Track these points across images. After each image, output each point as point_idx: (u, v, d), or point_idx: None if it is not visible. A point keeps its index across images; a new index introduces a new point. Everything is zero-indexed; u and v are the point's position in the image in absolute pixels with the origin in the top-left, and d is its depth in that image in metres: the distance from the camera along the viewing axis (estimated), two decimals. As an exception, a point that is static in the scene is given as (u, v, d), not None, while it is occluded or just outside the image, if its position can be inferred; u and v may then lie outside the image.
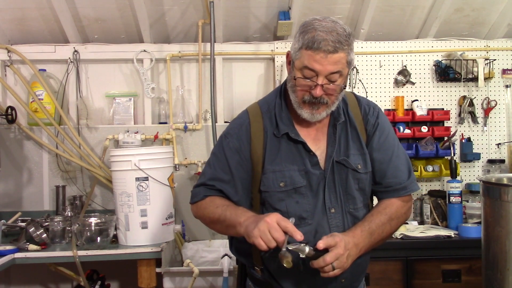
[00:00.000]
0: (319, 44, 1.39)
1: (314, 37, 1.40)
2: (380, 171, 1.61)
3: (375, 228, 1.51)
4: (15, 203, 3.04)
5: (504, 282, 1.79)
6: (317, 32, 1.41)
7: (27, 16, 2.97)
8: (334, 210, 1.52)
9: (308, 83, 1.45)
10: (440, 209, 2.89)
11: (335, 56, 1.41)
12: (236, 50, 3.18)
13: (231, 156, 1.55)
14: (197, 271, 2.42)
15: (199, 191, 1.59)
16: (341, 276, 1.48)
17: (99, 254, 2.37)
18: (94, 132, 3.09)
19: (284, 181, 1.51)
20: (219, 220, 1.49)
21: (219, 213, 1.50)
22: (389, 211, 1.57)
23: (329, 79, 1.44)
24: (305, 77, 1.45)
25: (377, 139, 1.61)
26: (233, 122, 1.66)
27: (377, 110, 1.67)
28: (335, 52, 1.40)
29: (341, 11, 3.05)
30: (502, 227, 1.81)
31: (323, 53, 1.40)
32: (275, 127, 1.56)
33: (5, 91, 3.10)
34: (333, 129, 1.59)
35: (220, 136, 1.64)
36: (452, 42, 3.21)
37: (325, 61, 1.40)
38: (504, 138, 3.21)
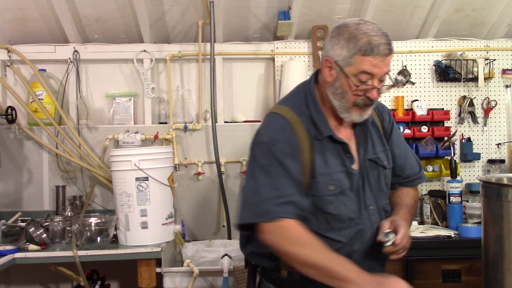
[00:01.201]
0: (378, 48, 1.42)
1: (370, 42, 1.42)
2: (400, 165, 1.72)
3: (410, 209, 1.66)
4: (15, 203, 3.04)
5: (504, 282, 1.79)
6: (371, 37, 1.43)
7: (27, 16, 2.97)
8: (372, 208, 1.58)
9: (366, 87, 1.47)
10: (440, 209, 2.89)
11: (389, 58, 1.46)
12: (236, 50, 3.18)
13: (288, 162, 1.47)
14: (197, 271, 2.43)
15: (267, 207, 1.44)
16: (379, 269, 1.58)
17: (99, 254, 2.37)
18: (94, 132, 3.09)
19: (333, 184, 1.52)
20: (317, 267, 1.39)
21: (318, 258, 1.39)
22: (411, 195, 1.73)
23: (381, 79, 1.49)
24: (360, 81, 1.47)
25: (395, 135, 1.72)
26: (270, 127, 1.56)
27: (387, 108, 1.77)
28: (390, 54, 1.46)
29: (341, 11, 3.05)
30: (502, 227, 1.81)
31: (381, 57, 1.43)
32: (316, 130, 1.55)
33: (5, 91, 3.10)
34: (361, 128, 1.62)
35: (260, 145, 1.52)
36: (452, 42, 3.21)
37: (382, 64, 1.45)
38: (504, 138, 3.22)
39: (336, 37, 1.50)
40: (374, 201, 1.59)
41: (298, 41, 3.18)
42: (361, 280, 1.34)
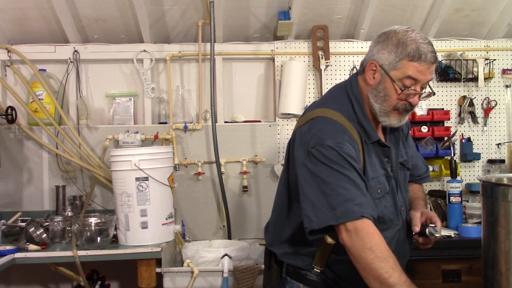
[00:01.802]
0: (426, 56, 1.47)
1: (419, 49, 1.47)
2: (413, 165, 1.81)
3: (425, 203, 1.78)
4: (15, 203, 3.04)
5: (504, 282, 1.79)
6: (419, 44, 1.48)
7: (27, 16, 2.97)
8: (403, 208, 1.66)
9: (409, 92, 1.51)
10: (440, 209, 2.89)
11: (434, 66, 1.52)
12: (236, 50, 3.18)
13: (356, 165, 1.47)
14: (197, 271, 2.43)
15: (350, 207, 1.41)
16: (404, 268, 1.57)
17: (99, 254, 2.37)
18: (94, 132, 3.09)
19: (380, 188, 1.56)
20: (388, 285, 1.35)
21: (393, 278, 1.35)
22: (422, 190, 1.87)
23: (423, 87, 1.54)
24: (405, 86, 1.51)
25: (410, 137, 1.81)
26: (328, 130, 1.52)
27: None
28: (435, 62, 1.52)
29: (341, 11, 3.05)
30: (502, 227, 1.80)
31: (427, 64, 1.48)
32: (364, 134, 1.57)
33: (5, 91, 3.10)
34: (393, 132, 1.68)
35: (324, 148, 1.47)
36: (452, 42, 3.21)
37: (428, 71, 1.50)
38: (504, 138, 3.22)
39: (384, 42, 1.53)
40: (403, 202, 1.67)
41: (298, 41, 3.18)
42: None
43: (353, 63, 3.17)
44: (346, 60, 3.18)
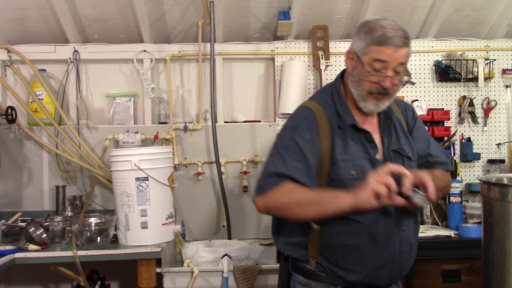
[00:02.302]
0: (391, 40, 1.56)
1: (385, 34, 1.56)
2: (424, 155, 1.80)
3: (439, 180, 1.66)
4: (15, 203, 3.04)
5: (504, 282, 1.79)
6: (387, 30, 1.57)
7: (27, 16, 2.97)
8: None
9: (378, 75, 1.59)
10: (440, 209, 2.89)
11: (402, 50, 1.57)
12: (236, 50, 3.19)
13: (305, 146, 1.60)
14: (197, 271, 2.43)
15: (271, 180, 1.59)
16: (403, 257, 1.65)
17: (99, 254, 2.37)
18: (94, 132, 3.09)
19: (355, 169, 1.61)
20: (313, 201, 1.54)
21: (312, 195, 1.55)
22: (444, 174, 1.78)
23: (396, 71, 1.60)
24: (375, 70, 1.59)
25: (417, 129, 1.80)
26: (295, 116, 1.71)
27: (411, 106, 1.88)
28: (404, 46, 1.57)
29: (341, 11, 3.05)
30: (502, 227, 1.80)
31: (393, 47, 1.56)
32: (339, 119, 1.67)
33: (5, 91, 3.10)
34: (386, 122, 1.72)
35: (283, 130, 1.70)
36: (452, 42, 3.21)
37: (395, 54, 1.56)
38: (504, 138, 3.22)
39: (359, 31, 1.65)
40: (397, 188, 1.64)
41: (298, 41, 3.18)
42: (350, 191, 1.48)
43: (353, 63, 3.17)
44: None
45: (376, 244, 1.61)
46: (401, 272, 1.71)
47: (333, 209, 1.51)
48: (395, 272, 1.68)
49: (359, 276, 1.64)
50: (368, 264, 1.63)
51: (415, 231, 1.74)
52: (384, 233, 1.62)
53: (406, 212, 1.64)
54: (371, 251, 1.62)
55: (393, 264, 1.65)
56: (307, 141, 1.61)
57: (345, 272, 1.65)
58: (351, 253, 1.63)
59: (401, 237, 1.65)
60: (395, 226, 1.64)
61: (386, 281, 1.68)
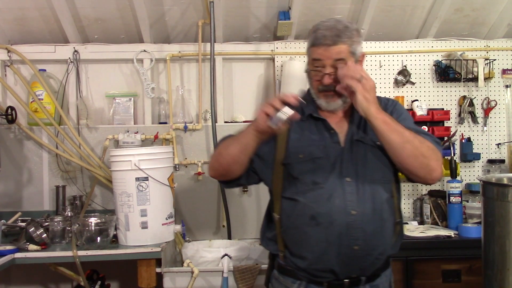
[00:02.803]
0: (320, 40, 1.65)
1: (316, 35, 1.67)
2: None
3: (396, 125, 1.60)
4: (15, 203, 3.04)
5: (504, 282, 1.79)
6: (319, 31, 1.67)
7: (27, 16, 2.97)
8: (349, 179, 1.65)
9: (318, 73, 1.69)
10: (440, 209, 2.89)
11: (335, 48, 1.64)
12: (236, 50, 3.19)
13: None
14: (197, 271, 2.43)
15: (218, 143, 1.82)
16: (353, 243, 1.61)
17: (99, 254, 2.37)
18: (94, 132, 3.09)
19: (303, 153, 1.69)
20: (234, 140, 1.69)
21: (232, 137, 1.73)
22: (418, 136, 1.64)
23: (336, 67, 1.64)
24: (315, 68, 1.69)
25: (395, 118, 1.71)
26: None
27: (396, 101, 1.86)
28: (334, 44, 1.64)
29: (341, 11, 3.05)
30: (502, 227, 1.81)
31: (324, 46, 1.64)
32: (302, 113, 1.72)
33: (5, 91, 3.10)
34: (359, 117, 1.74)
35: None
36: (452, 42, 3.21)
37: (327, 53, 1.64)
38: (504, 138, 3.22)
39: (309, 35, 1.76)
40: (354, 174, 1.65)
41: (298, 41, 3.18)
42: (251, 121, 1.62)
43: (353, 63, 3.17)
44: (346, 60, 3.18)
45: (318, 226, 1.61)
46: (360, 263, 1.64)
47: (245, 137, 1.63)
48: (349, 260, 1.62)
49: (307, 262, 1.65)
50: (313, 248, 1.63)
51: (377, 218, 1.64)
52: (326, 215, 1.61)
53: (361, 197, 1.63)
54: (313, 233, 1.62)
55: (341, 249, 1.61)
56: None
57: (297, 259, 1.67)
58: (298, 236, 1.65)
59: (348, 221, 1.60)
60: (340, 209, 1.61)
61: (343, 272, 1.64)
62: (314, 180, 1.65)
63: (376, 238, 1.64)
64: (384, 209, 1.66)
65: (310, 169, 1.66)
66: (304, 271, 1.67)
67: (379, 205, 1.65)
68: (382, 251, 1.67)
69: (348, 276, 1.65)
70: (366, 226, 1.61)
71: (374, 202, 1.64)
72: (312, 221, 1.62)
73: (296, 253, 1.68)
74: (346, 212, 1.60)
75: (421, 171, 1.62)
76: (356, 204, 1.62)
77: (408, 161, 1.60)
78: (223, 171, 1.74)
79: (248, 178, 1.78)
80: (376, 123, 1.58)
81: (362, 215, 1.61)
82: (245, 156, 1.67)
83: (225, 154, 1.70)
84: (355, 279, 1.66)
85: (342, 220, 1.60)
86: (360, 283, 1.67)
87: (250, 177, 1.78)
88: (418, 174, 1.63)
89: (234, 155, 1.68)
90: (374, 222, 1.63)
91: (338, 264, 1.62)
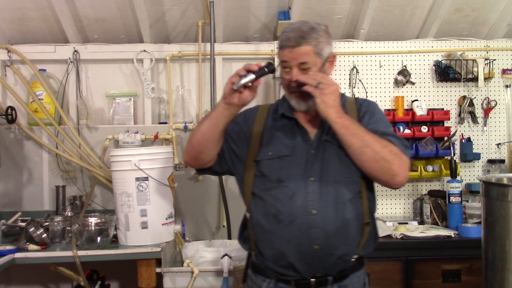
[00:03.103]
0: (284, 42, 1.69)
1: (282, 37, 1.71)
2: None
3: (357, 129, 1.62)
4: (15, 203, 3.04)
5: (504, 282, 1.80)
6: (284, 34, 1.70)
7: (27, 16, 2.97)
8: (313, 179, 1.65)
9: (284, 75, 1.72)
10: (440, 209, 2.89)
11: (298, 49, 1.66)
12: (236, 50, 3.19)
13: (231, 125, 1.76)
14: (197, 271, 2.43)
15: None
16: (314, 242, 1.61)
17: (99, 254, 2.37)
18: (94, 132, 3.09)
19: (272, 151, 1.72)
20: (205, 119, 1.73)
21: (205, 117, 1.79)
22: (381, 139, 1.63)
23: (302, 68, 1.67)
24: (284, 70, 1.72)
25: (367, 120, 1.74)
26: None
27: (372, 103, 1.83)
28: (297, 46, 1.66)
29: (341, 11, 3.05)
30: (502, 227, 1.81)
31: (288, 48, 1.67)
32: (275, 113, 1.82)
33: (5, 91, 3.10)
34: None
35: None
36: (452, 42, 3.21)
37: (291, 54, 1.67)
38: (504, 138, 3.22)
39: None
40: (318, 174, 1.66)
41: (298, 41, 3.18)
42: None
43: (353, 63, 3.17)
44: (346, 60, 3.18)
45: (279, 224, 1.63)
46: (322, 262, 1.64)
47: (215, 111, 1.68)
48: (311, 259, 1.63)
49: (270, 260, 1.67)
50: (274, 245, 1.65)
51: (338, 218, 1.63)
52: (287, 213, 1.63)
53: (323, 196, 1.63)
54: (275, 230, 1.65)
55: (302, 248, 1.62)
56: (235, 122, 1.78)
57: (263, 257, 1.69)
58: (263, 234, 1.68)
59: (308, 220, 1.61)
60: (301, 208, 1.62)
61: (307, 270, 1.64)
62: (279, 178, 1.67)
63: (338, 238, 1.63)
64: (348, 210, 1.64)
65: (277, 167, 1.69)
66: (271, 270, 1.69)
67: (342, 205, 1.64)
68: (346, 252, 1.65)
69: (313, 276, 1.66)
70: (327, 226, 1.61)
71: (336, 202, 1.63)
72: (274, 219, 1.64)
73: (262, 251, 1.70)
74: (306, 212, 1.62)
75: (382, 175, 1.61)
76: (317, 203, 1.62)
77: (368, 165, 1.61)
78: (195, 152, 1.76)
79: (221, 165, 1.80)
80: (335, 127, 1.61)
81: (323, 214, 1.61)
82: (214, 131, 1.69)
83: (196, 133, 1.73)
84: (321, 278, 1.66)
85: (302, 219, 1.61)
86: (327, 283, 1.66)
87: (223, 166, 1.81)
88: (380, 178, 1.63)
89: (204, 131, 1.70)
90: (335, 222, 1.62)
91: (300, 263, 1.64)
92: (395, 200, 3.18)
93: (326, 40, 1.69)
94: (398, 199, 3.19)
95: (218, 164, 1.80)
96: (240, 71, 1.62)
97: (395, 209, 3.18)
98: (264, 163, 1.72)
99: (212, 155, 1.76)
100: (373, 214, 1.75)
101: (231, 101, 1.63)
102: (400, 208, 3.19)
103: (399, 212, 3.18)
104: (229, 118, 1.68)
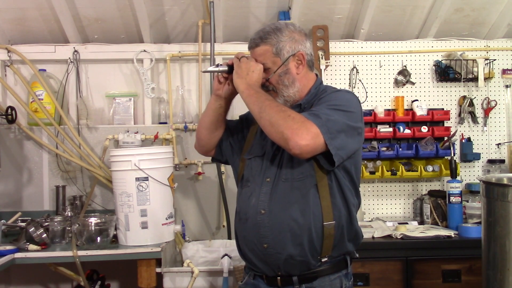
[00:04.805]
0: (249, 44, 1.77)
1: (250, 39, 1.78)
2: None
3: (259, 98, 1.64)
4: (15, 203, 3.04)
5: (504, 282, 1.80)
6: (252, 36, 1.77)
7: (27, 16, 2.97)
8: (269, 180, 1.71)
9: None
10: (440, 209, 2.89)
11: (257, 50, 1.73)
12: (236, 50, 3.16)
13: (236, 120, 1.97)
14: (197, 271, 2.43)
15: None
16: (263, 241, 1.66)
17: (99, 254, 2.37)
18: (94, 132, 3.09)
19: (250, 151, 1.83)
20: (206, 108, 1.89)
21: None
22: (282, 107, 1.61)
23: (265, 68, 1.71)
24: None
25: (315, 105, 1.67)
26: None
27: (330, 94, 1.69)
28: (256, 46, 1.73)
29: (341, 11, 3.05)
30: (502, 227, 1.81)
31: (250, 50, 1.76)
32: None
33: (5, 91, 3.10)
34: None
35: None
36: (452, 42, 3.21)
37: (252, 55, 1.74)
38: (504, 138, 3.22)
39: None
40: (274, 175, 1.70)
41: (298, 41, 3.18)
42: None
43: (353, 63, 3.17)
44: (346, 60, 3.18)
45: (240, 222, 1.76)
46: (273, 261, 1.65)
47: (209, 102, 1.87)
48: (264, 257, 1.67)
49: (238, 255, 1.82)
50: (238, 242, 1.78)
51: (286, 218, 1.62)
52: (243, 212, 1.74)
53: (273, 196, 1.66)
54: (237, 228, 1.79)
55: (254, 246, 1.68)
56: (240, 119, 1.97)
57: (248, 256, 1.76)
58: (235, 231, 1.81)
59: (258, 220, 1.66)
60: (253, 208, 1.69)
61: (264, 268, 1.69)
62: (247, 178, 1.78)
63: (284, 238, 1.62)
64: (294, 209, 1.62)
65: (250, 167, 1.79)
66: (247, 264, 1.79)
67: (289, 205, 1.64)
68: (295, 253, 1.62)
69: (275, 274, 1.68)
70: (274, 226, 1.64)
71: (284, 202, 1.64)
72: (237, 217, 1.78)
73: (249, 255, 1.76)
74: (257, 211, 1.68)
75: (278, 140, 1.56)
76: (266, 204, 1.67)
77: (266, 130, 1.59)
78: (197, 138, 1.93)
79: (221, 154, 1.93)
80: (242, 97, 1.69)
81: (270, 214, 1.65)
82: (207, 120, 1.85)
83: (199, 123, 1.93)
84: (286, 278, 1.67)
85: (253, 218, 1.68)
86: (293, 283, 1.66)
87: (223, 155, 1.94)
88: (279, 143, 1.57)
89: (200, 120, 1.91)
90: (281, 222, 1.63)
91: (256, 260, 1.70)
92: (395, 200, 3.19)
93: (291, 39, 1.70)
94: (398, 199, 3.19)
95: (218, 153, 1.93)
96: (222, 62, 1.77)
97: (395, 209, 3.19)
98: (246, 162, 1.82)
99: (211, 143, 1.90)
100: (345, 211, 1.66)
101: (216, 92, 1.80)
102: (400, 208, 3.19)
103: (399, 212, 3.18)
104: (219, 109, 1.83)
